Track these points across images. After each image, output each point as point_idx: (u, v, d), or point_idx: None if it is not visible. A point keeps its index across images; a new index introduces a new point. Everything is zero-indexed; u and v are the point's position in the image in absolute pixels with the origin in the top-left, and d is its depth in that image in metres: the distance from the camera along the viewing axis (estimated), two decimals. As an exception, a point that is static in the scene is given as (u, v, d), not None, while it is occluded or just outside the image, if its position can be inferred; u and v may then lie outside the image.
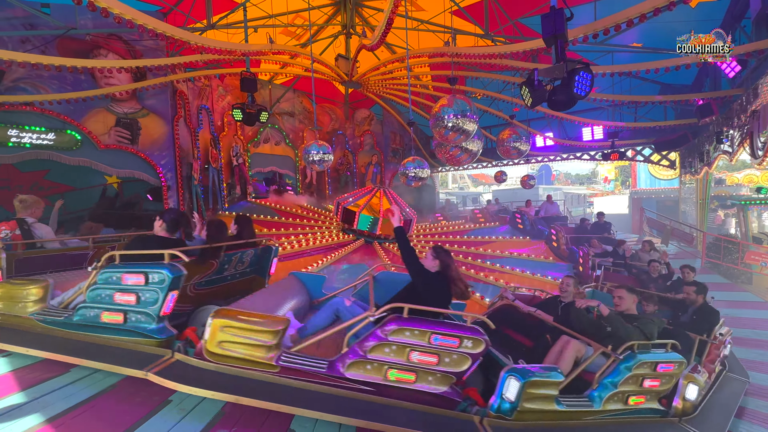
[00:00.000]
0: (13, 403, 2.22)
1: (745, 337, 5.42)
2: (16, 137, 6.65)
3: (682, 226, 12.46)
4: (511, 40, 7.36)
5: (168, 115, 8.20)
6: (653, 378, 2.69)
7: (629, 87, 9.90)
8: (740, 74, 7.09)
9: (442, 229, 11.68)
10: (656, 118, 10.87)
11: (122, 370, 2.40)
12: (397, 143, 16.18)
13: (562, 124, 12.83)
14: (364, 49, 8.31)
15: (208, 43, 6.31)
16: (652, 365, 2.61)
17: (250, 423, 2.27)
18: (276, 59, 8.99)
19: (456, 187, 38.05)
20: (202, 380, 2.29)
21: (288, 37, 10.28)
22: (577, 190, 33.22)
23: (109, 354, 2.49)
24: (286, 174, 12.60)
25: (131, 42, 7.64)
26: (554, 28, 3.90)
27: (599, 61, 8.55)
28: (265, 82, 11.38)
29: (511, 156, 9.55)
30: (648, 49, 7.22)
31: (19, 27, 6.57)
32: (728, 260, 8.92)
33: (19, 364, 2.67)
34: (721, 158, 8.99)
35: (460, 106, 6.46)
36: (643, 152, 12.95)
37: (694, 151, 10.80)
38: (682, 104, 8.76)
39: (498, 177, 14.87)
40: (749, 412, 3.32)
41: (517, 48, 6.27)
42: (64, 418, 2.11)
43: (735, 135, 7.70)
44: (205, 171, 9.46)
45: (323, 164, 7.61)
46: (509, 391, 2.35)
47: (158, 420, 2.20)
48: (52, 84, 6.90)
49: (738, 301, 6.95)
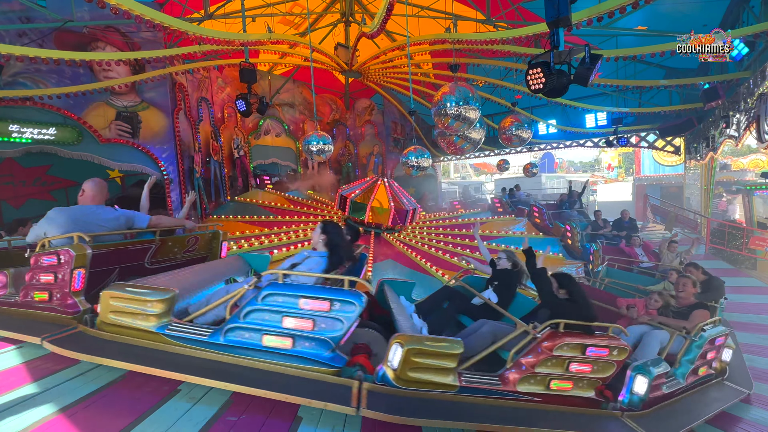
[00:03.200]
0: (25, 393, 2.26)
1: (749, 322, 5.43)
2: (18, 132, 6.64)
3: (686, 212, 12.39)
4: (513, 26, 7.23)
5: (168, 107, 8.15)
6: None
7: (633, 72, 9.73)
8: (747, 56, 6.95)
9: (455, 221, 11.67)
10: (661, 103, 10.72)
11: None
12: (398, 133, 16.07)
13: (565, 110, 12.68)
14: (364, 37, 8.20)
15: (206, 33, 6.24)
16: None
17: (258, 411, 2.31)
18: (275, 49, 8.89)
19: (458, 176, 37.86)
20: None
21: (286, 27, 10.14)
22: (580, 177, 32.99)
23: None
24: (287, 165, 12.56)
25: (129, 34, 7.56)
26: (557, 11, 3.83)
27: (603, 46, 8.39)
28: (265, 72, 11.27)
29: (513, 144, 9.49)
30: (653, 32, 7.07)
31: (16, 20, 6.49)
32: (732, 246, 8.89)
33: (30, 355, 2.71)
34: (727, 143, 8.88)
35: (462, 93, 6.39)
36: (647, 138, 12.82)
37: (699, 137, 10.67)
38: (687, 88, 8.64)
39: (500, 165, 14.78)
40: (745, 423, 2.99)
41: (520, 33, 6.17)
42: (75, 408, 2.15)
43: (741, 119, 7.59)
44: (207, 164, 9.45)
45: (323, 155, 7.59)
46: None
47: (168, 408, 2.24)
48: (50, 78, 6.86)
49: (742, 287, 6.94)
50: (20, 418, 2.03)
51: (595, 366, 2.55)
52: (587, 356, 2.53)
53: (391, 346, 2.38)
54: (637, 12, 5.07)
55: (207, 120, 9.65)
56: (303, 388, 2.29)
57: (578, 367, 2.53)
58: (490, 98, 11.02)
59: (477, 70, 10.53)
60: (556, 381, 2.53)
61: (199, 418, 2.18)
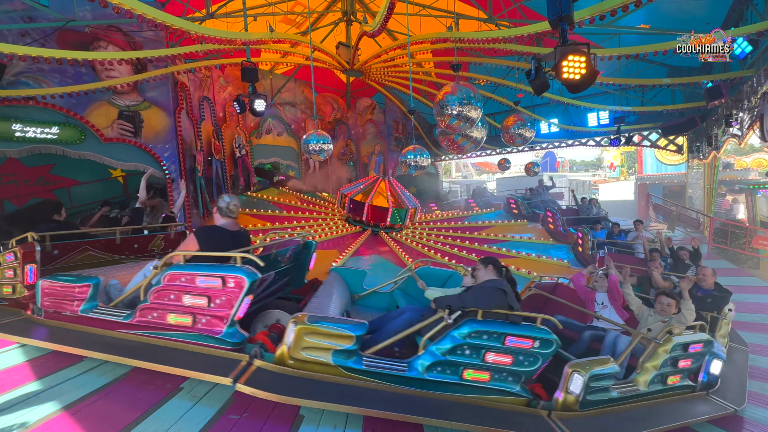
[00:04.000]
0: (30, 391, 2.28)
1: (753, 321, 5.40)
2: (21, 132, 6.66)
3: (688, 211, 12.34)
4: (515, 24, 7.21)
5: (170, 107, 8.16)
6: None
7: (636, 70, 9.69)
8: (751, 54, 6.90)
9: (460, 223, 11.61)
10: (663, 101, 10.67)
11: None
12: (399, 132, 16.05)
13: (567, 109, 12.63)
14: (366, 36, 8.19)
15: (208, 32, 6.24)
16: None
17: (259, 409, 2.32)
18: (276, 48, 8.89)
19: (459, 175, 37.79)
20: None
21: (288, 26, 10.13)
22: (582, 176, 32.90)
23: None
24: (288, 165, 12.58)
25: (131, 33, 7.58)
26: (560, 9, 3.81)
27: (605, 44, 8.36)
28: (266, 72, 11.27)
29: (516, 143, 9.47)
30: (656, 30, 7.04)
31: (18, 20, 6.51)
32: (735, 245, 8.85)
33: (34, 354, 2.73)
34: (730, 142, 8.83)
35: (464, 93, 6.37)
36: (649, 137, 12.76)
37: (702, 135, 10.62)
38: (690, 87, 8.58)
39: (501, 165, 14.73)
40: (753, 395, 3.23)
41: (522, 31, 6.14)
42: (79, 405, 2.17)
43: (744, 117, 7.55)
44: (209, 163, 9.46)
45: (323, 154, 7.59)
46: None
47: (171, 406, 2.25)
48: (53, 78, 6.87)
49: (745, 286, 6.91)
50: (25, 416, 2.04)
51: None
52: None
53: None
54: (640, 10, 5.05)
55: (209, 119, 9.66)
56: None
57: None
58: (491, 97, 11.00)
59: (479, 68, 10.50)
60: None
61: (201, 416, 2.19)
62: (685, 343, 2.89)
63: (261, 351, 2.45)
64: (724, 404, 2.97)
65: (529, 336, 2.37)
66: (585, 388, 2.46)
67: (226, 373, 2.23)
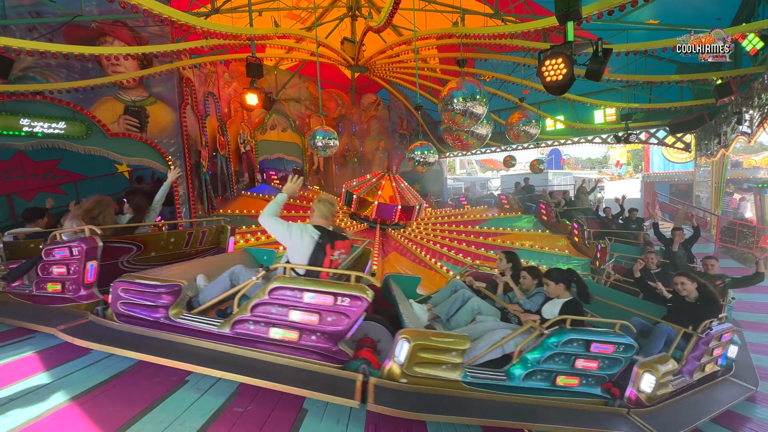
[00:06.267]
0: (38, 383, 2.31)
1: (758, 321, 5.37)
2: (28, 126, 6.72)
3: (695, 210, 12.22)
4: (522, 19, 7.13)
5: (175, 102, 8.19)
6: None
7: (644, 67, 9.56)
8: (762, 51, 6.78)
9: (459, 217, 11.58)
10: (672, 98, 10.53)
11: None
12: (404, 128, 15.99)
13: (573, 106, 12.51)
14: (371, 31, 8.14)
15: (213, 27, 6.24)
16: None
17: (264, 402, 2.34)
18: (281, 44, 8.87)
19: (464, 172, 37.65)
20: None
21: (293, 21, 10.10)
22: (587, 174, 32.60)
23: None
24: (293, 161, 12.59)
25: (136, 28, 7.60)
26: (567, 4, 3.77)
27: (613, 40, 8.24)
28: (271, 67, 11.26)
29: (521, 140, 9.40)
30: (665, 25, 6.94)
31: (26, 15, 6.55)
32: (743, 244, 8.76)
33: (41, 345, 2.77)
34: (739, 140, 8.71)
35: (469, 89, 6.33)
36: (657, 135, 12.61)
37: (710, 133, 10.47)
38: (699, 83, 8.45)
39: (507, 162, 14.64)
40: (753, 424, 2.97)
41: (528, 27, 6.08)
42: (87, 397, 2.20)
43: (755, 115, 7.44)
44: (214, 158, 9.49)
45: (328, 150, 7.57)
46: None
47: (177, 398, 2.28)
48: (60, 73, 6.92)
49: (752, 286, 6.83)
50: (33, 407, 2.07)
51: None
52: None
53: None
54: (649, 5, 4.99)
55: (214, 115, 9.69)
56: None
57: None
58: (497, 93, 10.91)
59: (484, 65, 10.41)
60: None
61: (207, 408, 2.22)
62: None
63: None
64: (745, 386, 3.28)
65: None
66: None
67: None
